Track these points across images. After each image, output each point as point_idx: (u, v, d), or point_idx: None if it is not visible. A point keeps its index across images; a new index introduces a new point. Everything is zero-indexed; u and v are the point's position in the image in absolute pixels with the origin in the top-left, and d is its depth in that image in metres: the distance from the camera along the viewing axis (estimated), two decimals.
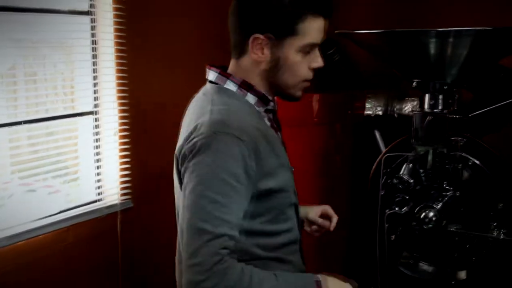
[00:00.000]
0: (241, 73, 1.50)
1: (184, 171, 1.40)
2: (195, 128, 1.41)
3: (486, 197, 2.00)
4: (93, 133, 2.32)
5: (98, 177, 2.37)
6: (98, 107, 2.31)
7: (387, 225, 2.20)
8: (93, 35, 2.23)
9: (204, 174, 1.35)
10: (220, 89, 1.49)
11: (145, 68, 2.24)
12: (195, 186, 1.36)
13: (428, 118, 1.90)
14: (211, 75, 1.51)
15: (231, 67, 1.52)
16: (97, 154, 2.35)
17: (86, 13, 2.21)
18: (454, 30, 1.76)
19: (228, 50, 1.47)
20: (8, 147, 2.10)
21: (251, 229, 1.44)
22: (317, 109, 2.60)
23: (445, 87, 1.90)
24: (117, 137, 2.32)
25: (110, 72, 2.26)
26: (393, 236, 2.17)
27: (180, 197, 1.43)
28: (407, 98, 2.36)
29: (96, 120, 2.32)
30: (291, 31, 1.41)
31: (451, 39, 1.79)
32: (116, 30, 2.23)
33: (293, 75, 1.47)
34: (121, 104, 2.32)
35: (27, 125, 2.11)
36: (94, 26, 2.22)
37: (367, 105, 2.51)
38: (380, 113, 2.42)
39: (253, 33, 1.42)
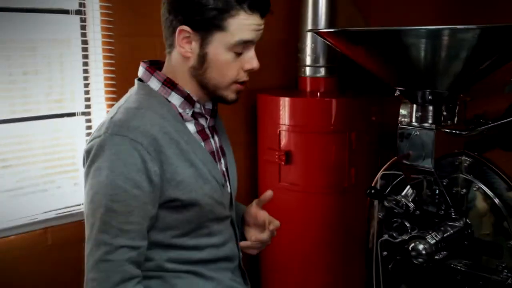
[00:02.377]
0: (169, 69, 1.40)
1: (85, 175, 1.33)
2: (98, 128, 1.35)
3: (494, 230, 1.66)
4: (85, 133, 2.26)
5: None
6: (90, 107, 2.25)
7: (385, 253, 1.94)
8: (83, 34, 2.17)
9: (100, 181, 1.27)
10: (142, 86, 1.40)
11: (134, 67, 2.17)
12: (93, 194, 1.29)
13: (413, 133, 1.61)
14: (140, 70, 1.42)
15: (165, 63, 1.42)
16: None
17: (77, 12, 2.16)
18: (443, 28, 1.45)
19: None
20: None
21: (162, 242, 1.36)
22: (329, 116, 2.34)
23: (437, 97, 1.58)
24: None
25: (100, 72, 2.20)
26: (390, 266, 1.91)
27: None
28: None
29: (88, 121, 2.25)
30: (220, 26, 1.29)
31: (438, 39, 1.49)
32: (104, 29, 2.16)
33: (222, 75, 1.35)
34: (110, 106, 2.23)
35: (17, 124, 2.09)
36: (84, 25, 2.16)
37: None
38: None
39: (180, 25, 1.31)
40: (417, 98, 1.60)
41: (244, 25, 1.31)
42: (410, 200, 1.79)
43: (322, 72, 2.48)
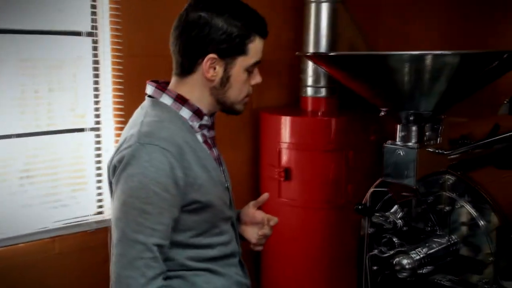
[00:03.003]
0: (184, 89, 1.55)
1: (115, 183, 1.45)
2: (124, 140, 1.48)
3: (476, 247, 1.72)
4: (94, 148, 2.38)
5: (99, 191, 2.43)
6: (100, 123, 2.37)
7: (375, 268, 2.01)
8: (95, 55, 2.30)
9: (133, 186, 1.40)
10: (155, 102, 1.55)
11: (140, 86, 2.29)
12: (126, 198, 1.42)
13: (397, 152, 1.68)
14: (149, 89, 1.56)
15: (172, 83, 1.57)
16: (98, 168, 2.42)
17: (89, 34, 2.29)
18: (424, 54, 1.54)
19: None
20: (15, 157, 2.23)
21: (182, 242, 1.49)
22: (328, 134, 2.43)
23: (419, 117, 1.66)
24: None
25: (109, 90, 2.32)
26: (378, 279, 1.97)
27: (112, 207, 1.48)
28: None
29: (97, 136, 2.38)
30: (243, 51, 1.50)
31: (419, 64, 1.57)
32: (114, 50, 2.28)
33: (239, 91, 1.54)
34: (118, 122, 2.37)
35: (32, 138, 2.23)
36: (96, 46, 2.29)
37: None
38: None
39: (207, 53, 1.48)
40: (401, 118, 1.68)
41: (258, 48, 1.52)
42: (398, 216, 1.87)
43: (323, 92, 2.58)
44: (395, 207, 1.87)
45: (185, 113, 1.54)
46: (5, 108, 2.18)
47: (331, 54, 1.64)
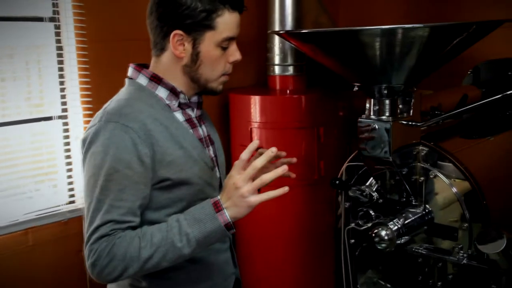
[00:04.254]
0: (159, 68, 1.55)
1: (82, 162, 1.48)
2: (93, 119, 1.50)
3: (450, 215, 1.78)
4: (63, 136, 2.33)
5: (70, 180, 2.38)
6: (67, 111, 2.32)
7: (352, 241, 2.05)
8: (58, 41, 2.24)
9: (96, 164, 1.42)
10: (131, 82, 1.56)
11: (107, 72, 2.25)
12: (89, 176, 1.44)
13: (372, 126, 1.71)
14: (129, 71, 1.57)
15: (151, 63, 1.57)
16: (68, 157, 2.37)
17: (51, 19, 2.22)
18: (395, 28, 1.55)
19: None
20: None
21: (157, 221, 1.46)
22: (298, 112, 2.45)
23: (392, 91, 1.69)
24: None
25: (75, 77, 2.27)
26: (357, 252, 2.02)
27: None
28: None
29: (65, 124, 2.33)
30: (210, 26, 1.46)
31: (390, 38, 1.59)
32: (78, 35, 2.23)
33: (213, 69, 1.51)
34: (86, 109, 2.32)
35: None
36: (59, 32, 2.23)
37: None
38: None
39: (174, 30, 1.47)
40: (374, 92, 1.71)
41: (229, 23, 1.49)
42: (374, 189, 1.90)
43: (290, 70, 2.58)
44: (370, 180, 1.91)
45: (162, 91, 1.54)
46: None
47: (304, 31, 1.64)
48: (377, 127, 1.71)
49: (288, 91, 2.58)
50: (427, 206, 1.83)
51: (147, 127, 1.44)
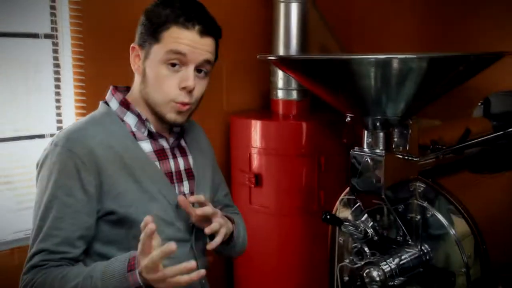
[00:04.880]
0: (133, 92, 1.48)
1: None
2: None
3: (447, 257, 1.66)
4: None
5: None
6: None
7: (346, 278, 1.94)
8: (55, 58, 2.21)
9: (40, 188, 1.36)
10: (102, 106, 1.49)
11: (104, 90, 2.21)
12: (35, 201, 1.38)
13: (364, 159, 1.61)
14: (107, 92, 1.51)
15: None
16: None
17: (49, 36, 2.19)
18: (385, 58, 1.47)
19: None
20: None
21: (107, 255, 1.38)
22: (299, 139, 2.36)
23: (386, 123, 1.59)
24: None
25: (71, 94, 2.23)
26: None
27: None
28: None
29: None
30: (156, 39, 1.38)
31: (383, 68, 1.50)
32: (76, 52, 2.19)
33: (157, 90, 1.40)
34: None
35: None
36: (57, 49, 2.20)
37: None
38: None
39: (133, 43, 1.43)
40: (367, 124, 1.61)
41: (175, 37, 1.37)
42: (369, 225, 1.80)
43: (294, 95, 2.50)
44: (366, 215, 1.81)
45: (130, 118, 1.46)
46: None
47: (293, 57, 1.57)
48: (369, 160, 1.61)
49: (291, 116, 2.50)
50: (423, 246, 1.72)
51: (94, 154, 1.35)
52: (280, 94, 2.52)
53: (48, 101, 2.24)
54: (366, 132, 1.63)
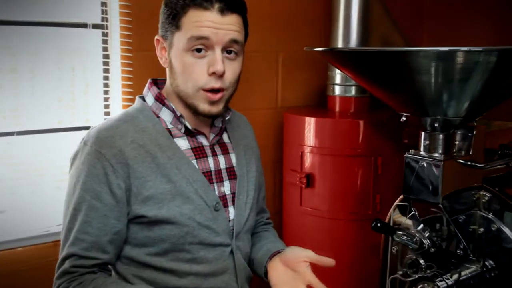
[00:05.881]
0: (166, 87, 1.41)
1: None
2: None
3: None
4: None
5: None
6: None
7: None
8: (104, 49, 2.15)
9: (70, 188, 1.32)
10: (138, 101, 1.42)
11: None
12: (65, 200, 1.33)
13: (420, 164, 1.45)
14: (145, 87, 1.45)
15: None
16: None
17: (99, 26, 2.14)
18: (447, 50, 1.30)
19: None
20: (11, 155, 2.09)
21: (136, 259, 1.33)
22: (354, 137, 2.20)
23: (447, 124, 1.43)
24: None
25: (118, 86, 2.17)
26: None
27: None
28: None
29: None
30: (177, 27, 1.29)
31: (446, 62, 1.34)
32: (124, 43, 2.13)
33: (185, 79, 1.31)
34: None
35: (39, 135, 2.10)
36: (106, 39, 2.15)
37: None
38: None
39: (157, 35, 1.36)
40: (425, 125, 1.45)
41: (195, 21, 1.27)
42: (426, 235, 1.63)
43: (352, 91, 2.34)
44: (422, 224, 1.64)
45: (166, 114, 1.37)
46: (23, 104, 2.05)
47: (341, 49, 1.42)
48: (425, 165, 1.45)
49: (348, 114, 2.34)
50: (488, 262, 1.53)
51: (123, 155, 1.28)
52: (338, 90, 2.36)
53: (96, 92, 2.19)
54: (423, 133, 1.46)
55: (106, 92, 2.19)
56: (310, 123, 2.25)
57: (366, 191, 2.19)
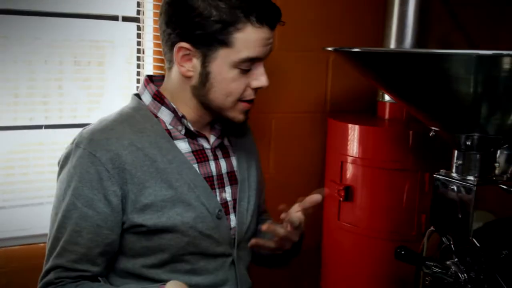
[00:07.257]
0: (168, 85, 1.29)
1: None
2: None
3: None
4: None
5: None
6: None
7: None
8: (138, 43, 2.06)
9: (59, 196, 1.22)
10: (134, 99, 1.32)
11: None
12: (53, 205, 1.24)
13: (450, 187, 1.23)
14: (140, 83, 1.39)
15: (165, 78, 1.32)
16: None
17: (134, 19, 2.05)
18: (487, 54, 1.09)
19: None
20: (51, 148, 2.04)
21: (131, 271, 1.24)
22: (401, 149, 1.97)
23: (485, 142, 1.20)
24: None
25: None
26: None
27: None
28: None
29: None
30: (225, 42, 1.15)
31: (484, 68, 1.12)
32: (156, 37, 2.02)
33: (226, 94, 1.21)
34: None
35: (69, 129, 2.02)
36: (140, 33, 2.06)
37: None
38: None
39: (180, 41, 1.19)
40: (458, 142, 1.23)
41: (251, 40, 1.16)
42: (463, 268, 1.40)
43: None
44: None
45: (165, 114, 1.27)
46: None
47: (354, 50, 1.22)
48: (456, 189, 1.23)
49: (397, 123, 2.11)
50: None
51: (120, 159, 1.17)
52: (387, 95, 2.14)
53: (130, 83, 2.11)
54: (456, 152, 1.24)
55: (138, 81, 2.11)
56: (353, 130, 2.05)
57: (410, 209, 1.96)
